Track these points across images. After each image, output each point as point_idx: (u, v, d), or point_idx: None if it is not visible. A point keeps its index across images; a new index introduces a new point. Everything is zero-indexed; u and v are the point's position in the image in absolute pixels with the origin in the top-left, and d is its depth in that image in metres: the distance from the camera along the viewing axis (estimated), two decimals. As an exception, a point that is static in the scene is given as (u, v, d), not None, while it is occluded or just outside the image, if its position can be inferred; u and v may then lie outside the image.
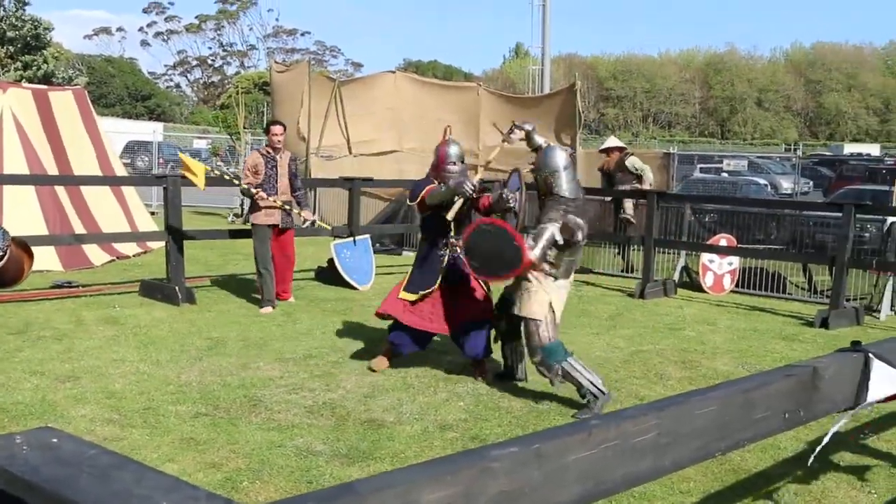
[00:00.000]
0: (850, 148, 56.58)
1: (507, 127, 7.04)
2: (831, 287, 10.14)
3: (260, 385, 6.45)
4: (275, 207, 9.43)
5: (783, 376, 2.03)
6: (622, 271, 12.88)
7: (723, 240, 11.77)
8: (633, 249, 12.66)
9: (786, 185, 30.48)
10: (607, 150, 13.67)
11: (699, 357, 7.89)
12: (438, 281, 6.83)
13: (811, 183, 33.02)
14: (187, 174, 9.27)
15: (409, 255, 14.43)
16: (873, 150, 55.70)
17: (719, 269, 11.67)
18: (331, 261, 11.06)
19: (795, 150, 46.12)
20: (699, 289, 11.66)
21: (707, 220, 13.75)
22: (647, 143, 67.36)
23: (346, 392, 6.37)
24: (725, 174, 28.43)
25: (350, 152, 18.31)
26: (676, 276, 11.94)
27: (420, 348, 7.07)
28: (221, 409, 5.87)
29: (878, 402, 2.39)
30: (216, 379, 6.58)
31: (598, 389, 6.01)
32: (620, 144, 13.78)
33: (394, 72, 19.80)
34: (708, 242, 12.02)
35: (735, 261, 11.67)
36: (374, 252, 11.79)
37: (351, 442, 5.33)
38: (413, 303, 6.83)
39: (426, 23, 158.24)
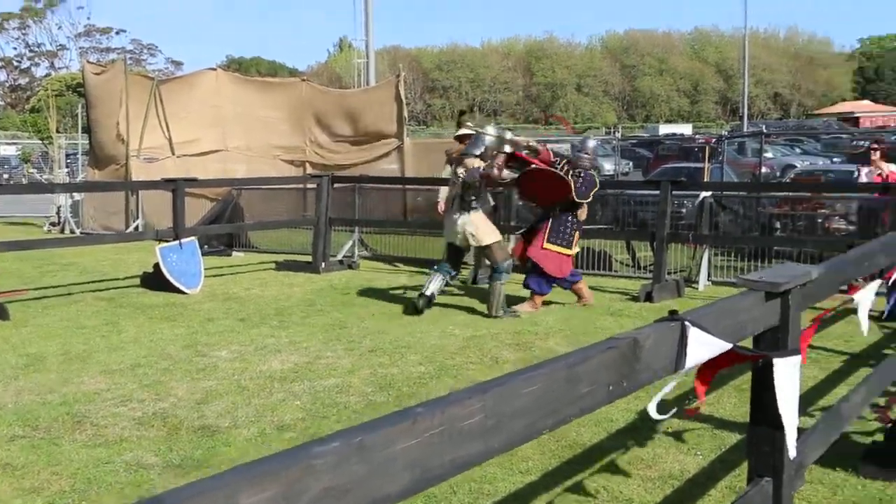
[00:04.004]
0: (664, 129, 59.33)
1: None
2: (653, 262, 10.57)
3: (84, 400, 6.12)
4: None
5: (605, 349, 2.05)
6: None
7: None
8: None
9: (608, 166, 31.60)
10: (462, 138, 12.66)
11: (533, 338, 8.05)
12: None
13: (631, 163, 34.41)
14: None
15: (239, 255, 14.12)
16: (686, 129, 58.64)
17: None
18: (156, 265, 10.65)
19: (615, 132, 47.92)
20: (530, 271, 11.89)
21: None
22: (475, 132, 68.28)
23: (177, 400, 6.14)
24: (550, 159, 29.15)
25: (173, 153, 17.73)
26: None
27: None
28: (41, 429, 5.53)
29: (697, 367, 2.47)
30: (35, 398, 6.19)
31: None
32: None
33: (215, 69, 19.28)
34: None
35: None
36: (203, 254, 11.42)
37: (185, 451, 5.13)
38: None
39: (247, 19, 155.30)
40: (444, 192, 12.53)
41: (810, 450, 3.29)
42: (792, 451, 2.95)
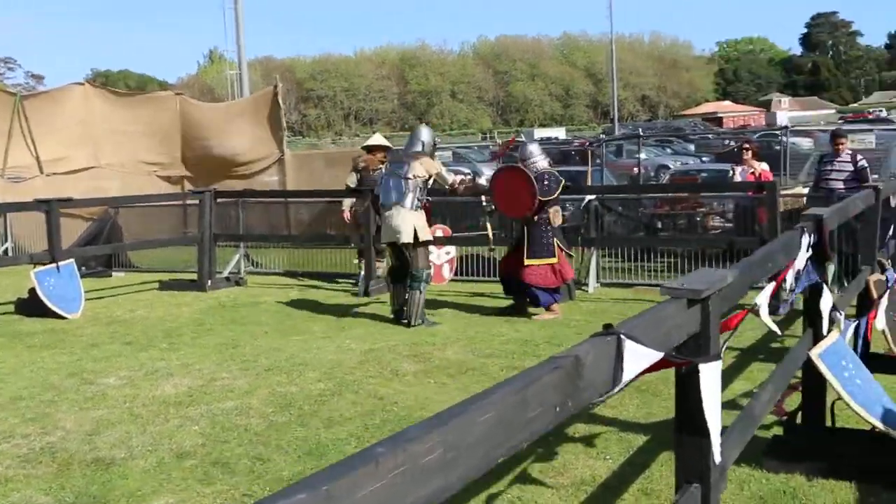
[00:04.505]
0: (539, 132, 60.35)
1: None
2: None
3: (-37, 440, 5.74)
4: None
5: (551, 369, 2.00)
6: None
7: (438, 230, 12.02)
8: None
9: (487, 172, 31.86)
10: (371, 148, 11.95)
11: (430, 349, 7.98)
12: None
13: (510, 169, 34.72)
14: None
15: (120, 276, 13.61)
16: (560, 133, 59.87)
17: (437, 259, 11.91)
18: (32, 290, 10.13)
19: (492, 137, 48.47)
20: (421, 280, 11.84)
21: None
22: (352, 140, 68.24)
23: (66, 433, 5.82)
24: (431, 166, 29.27)
25: (41, 172, 16.94)
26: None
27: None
28: (-83, 474, 5.15)
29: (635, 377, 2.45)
30: None
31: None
32: (386, 144, 12.49)
33: (83, 83, 18.51)
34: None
35: (452, 250, 11.98)
36: (81, 276, 10.93)
37: (78, 488, 4.86)
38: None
39: (112, 30, 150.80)
40: (348, 202, 12.39)
41: (729, 451, 3.33)
42: (717, 456, 2.97)
